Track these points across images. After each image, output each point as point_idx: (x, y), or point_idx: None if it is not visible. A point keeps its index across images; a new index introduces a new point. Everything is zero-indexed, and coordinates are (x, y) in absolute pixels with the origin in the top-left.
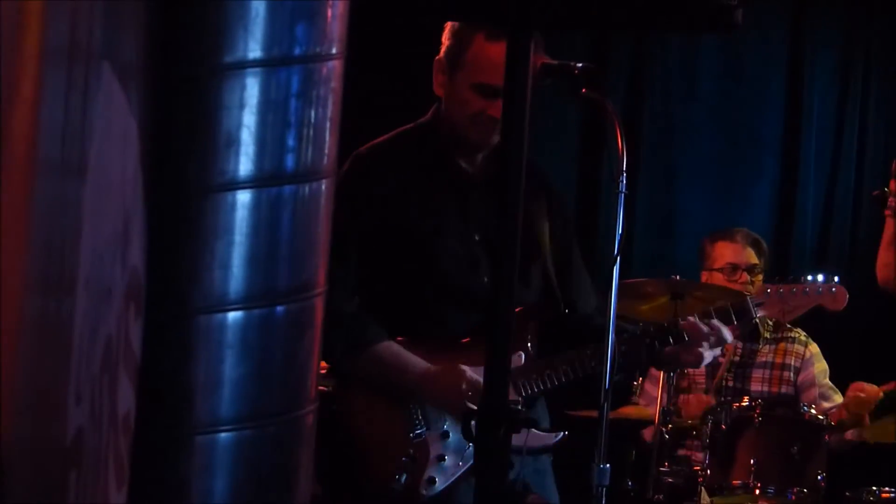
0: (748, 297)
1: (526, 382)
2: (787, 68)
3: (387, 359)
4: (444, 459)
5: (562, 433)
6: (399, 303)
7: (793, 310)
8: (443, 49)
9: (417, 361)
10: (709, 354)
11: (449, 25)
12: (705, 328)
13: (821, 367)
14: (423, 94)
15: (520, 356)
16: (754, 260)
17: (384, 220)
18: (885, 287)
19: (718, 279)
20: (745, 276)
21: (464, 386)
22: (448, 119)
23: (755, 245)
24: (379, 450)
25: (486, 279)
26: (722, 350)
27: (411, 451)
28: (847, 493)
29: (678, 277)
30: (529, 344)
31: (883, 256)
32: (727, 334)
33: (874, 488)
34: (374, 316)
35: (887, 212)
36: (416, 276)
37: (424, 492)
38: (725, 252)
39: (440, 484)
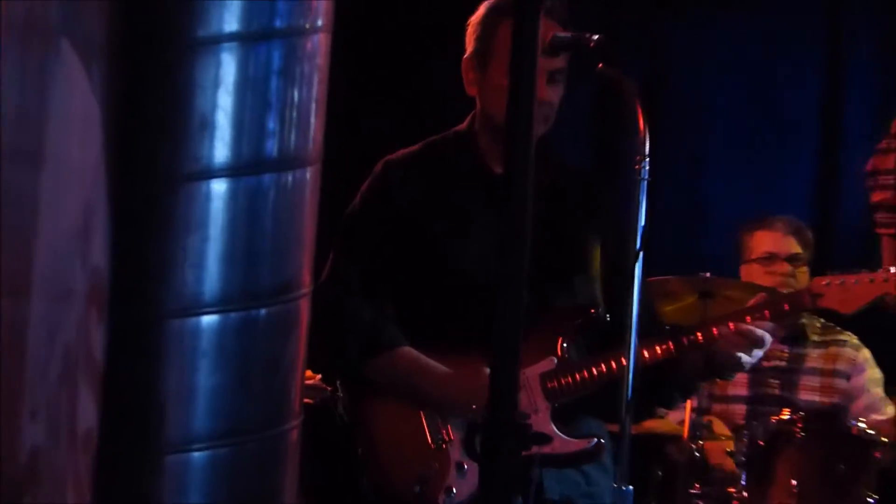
0: (805, 289)
1: (557, 388)
2: (826, 39)
3: (406, 363)
4: (465, 467)
5: (595, 440)
6: (422, 308)
7: (855, 300)
8: (469, 47)
9: (437, 365)
10: (747, 361)
11: (472, 22)
12: (737, 333)
13: (873, 376)
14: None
15: (551, 361)
16: (796, 249)
17: (410, 228)
18: None
19: (756, 271)
20: (786, 267)
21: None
22: (488, 118)
23: (798, 233)
24: (395, 459)
25: None
26: (764, 353)
27: (431, 460)
28: None
29: (708, 274)
30: (564, 348)
31: None
32: (763, 333)
33: None
34: (396, 322)
35: (879, 230)
36: (441, 284)
37: (443, 503)
38: (764, 241)
39: (459, 494)
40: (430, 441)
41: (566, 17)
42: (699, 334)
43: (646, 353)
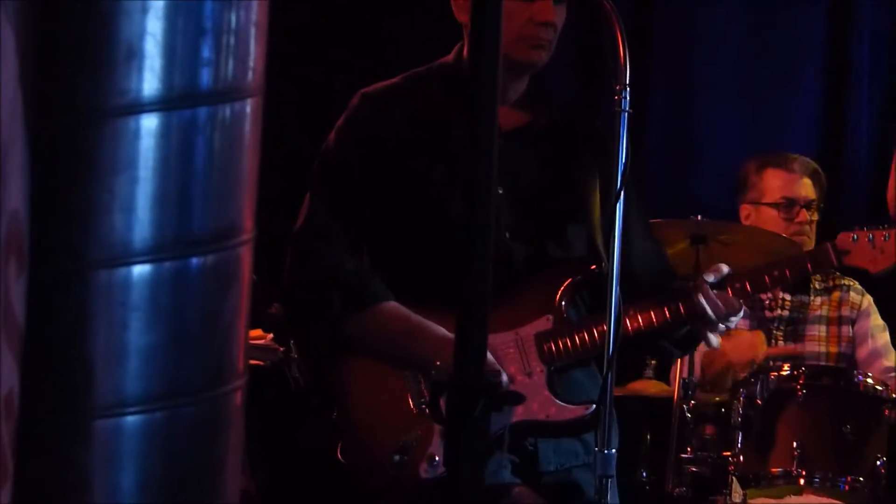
0: (830, 245)
1: (553, 350)
2: None
3: (394, 320)
4: None
5: (593, 406)
6: (406, 260)
7: (885, 258)
8: None
9: (432, 325)
10: (714, 338)
11: None
12: (710, 303)
13: (877, 322)
14: None
15: (548, 319)
16: (812, 194)
17: (391, 167)
18: None
19: (769, 215)
20: (805, 214)
21: (489, 356)
22: None
23: (814, 176)
24: (376, 426)
25: (507, 235)
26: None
27: (414, 426)
28: None
29: (699, 217)
30: (562, 306)
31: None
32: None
33: None
34: (381, 273)
35: None
36: (426, 229)
37: (424, 474)
38: (777, 182)
39: (443, 464)
40: (412, 405)
41: None
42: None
43: (653, 315)
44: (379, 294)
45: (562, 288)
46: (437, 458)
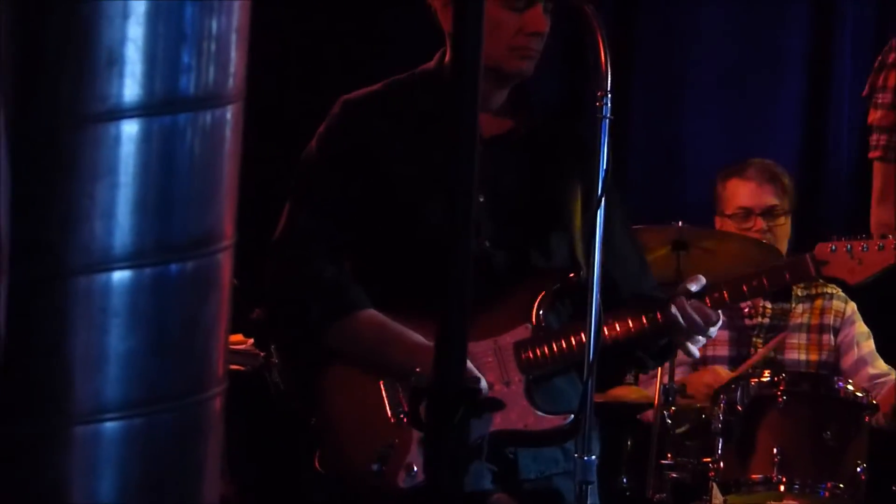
0: (809, 256)
1: (532, 358)
2: None
3: (372, 328)
4: None
5: (571, 416)
6: (387, 267)
7: (863, 269)
8: None
9: (409, 333)
10: (694, 349)
11: None
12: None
13: (862, 329)
14: None
15: (526, 328)
16: (772, 200)
17: (372, 174)
18: None
19: (731, 227)
20: (761, 223)
21: (468, 363)
22: None
23: (773, 180)
24: (354, 434)
25: (487, 244)
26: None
27: (392, 435)
28: (894, 488)
29: (681, 224)
30: (540, 314)
31: (878, 212)
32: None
33: None
34: (360, 281)
35: (872, 153)
36: (407, 236)
37: (402, 483)
38: (737, 192)
39: (422, 472)
40: (389, 413)
41: None
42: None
43: (630, 324)
44: (357, 302)
45: (540, 297)
46: (415, 468)
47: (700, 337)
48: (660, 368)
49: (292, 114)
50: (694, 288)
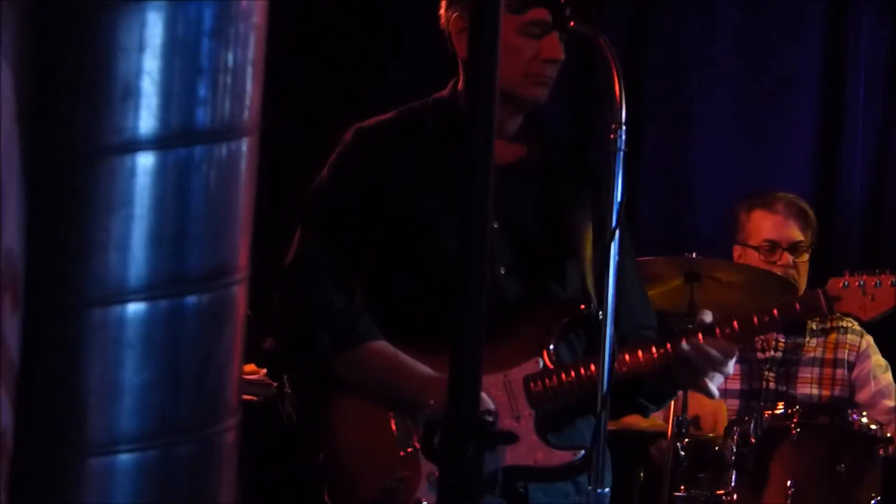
0: (821, 291)
1: (542, 392)
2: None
3: (382, 359)
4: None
5: (582, 452)
6: (400, 295)
7: (876, 306)
8: (456, 9)
9: (419, 365)
10: (713, 387)
11: None
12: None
13: (878, 362)
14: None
15: (536, 362)
16: (798, 236)
17: (384, 202)
18: None
19: (754, 259)
20: (788, 258)
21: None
22: None
23: (800, 216)
24: (362, 467)
25: (502, 270)
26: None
27: (400, 468)
28: None
29: (694, 255)
30: (551, 349)
31: None
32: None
33: None
34: (370, 311)
35: None
36: (420, 264)
37: None
38: (763, 224)
39: None
40: (398, 446)
41: None
42: (700, 335)
43: (641, 356)
44: (368, 332)
45: (552, 329)
46: (423, 503)
47: (718, 375)
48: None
49: (298, 142)
50: (709, 319)
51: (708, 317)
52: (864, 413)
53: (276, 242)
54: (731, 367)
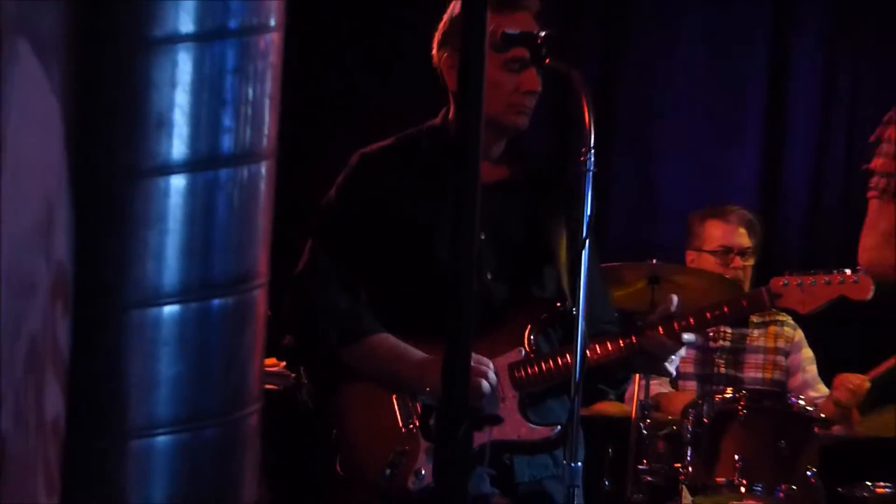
0: (764, 289)
1: (524, 377)
2: (772, 31)
3: (384, 349)
4: None
5: (558, 428)
6: (399, 298)
7: (812, 301)
8: (448, 43)
9: (416, 351)
10: (671, 367)
11: (452, 18)
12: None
13: (807, 354)
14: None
15: (519, 352)
16: (747, 242)
17: (385, 218)
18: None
19: (708, 262)
20: (739, 261)
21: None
22: None
23: (749, 226)
24: (368, 443)
25: (488, 276)
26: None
27: (402, 443)
28: (840, 490)
29: (655, 261)
30: (531, 340)
31: (864, 239)
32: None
33: (868, 483)
34: (374, 311)
35: (870, 193)
36: (416, 271)
37: (412, 486)
38: (716, 233)
39: (428, 477)
40: (400, 424)
41: (540, 11)
42: (660, 328)
43: (609, 346)
44: (371, 327)
45: (532, 324)
46: (422, 472)
47: (674, 357)
48: (636, 387)
49: (304, 166)
50: (672, 307)
51: (674, 301)
52: (802, 397)
53: (289, 252)
54: (684, 351)
